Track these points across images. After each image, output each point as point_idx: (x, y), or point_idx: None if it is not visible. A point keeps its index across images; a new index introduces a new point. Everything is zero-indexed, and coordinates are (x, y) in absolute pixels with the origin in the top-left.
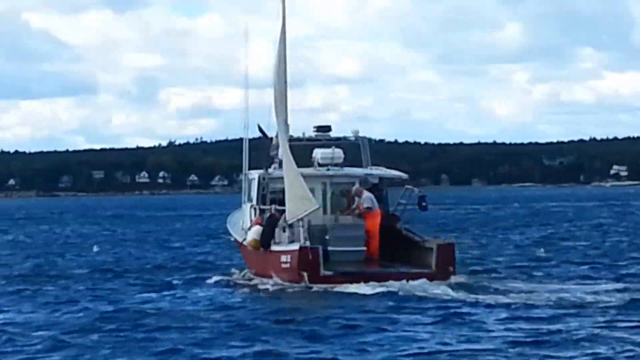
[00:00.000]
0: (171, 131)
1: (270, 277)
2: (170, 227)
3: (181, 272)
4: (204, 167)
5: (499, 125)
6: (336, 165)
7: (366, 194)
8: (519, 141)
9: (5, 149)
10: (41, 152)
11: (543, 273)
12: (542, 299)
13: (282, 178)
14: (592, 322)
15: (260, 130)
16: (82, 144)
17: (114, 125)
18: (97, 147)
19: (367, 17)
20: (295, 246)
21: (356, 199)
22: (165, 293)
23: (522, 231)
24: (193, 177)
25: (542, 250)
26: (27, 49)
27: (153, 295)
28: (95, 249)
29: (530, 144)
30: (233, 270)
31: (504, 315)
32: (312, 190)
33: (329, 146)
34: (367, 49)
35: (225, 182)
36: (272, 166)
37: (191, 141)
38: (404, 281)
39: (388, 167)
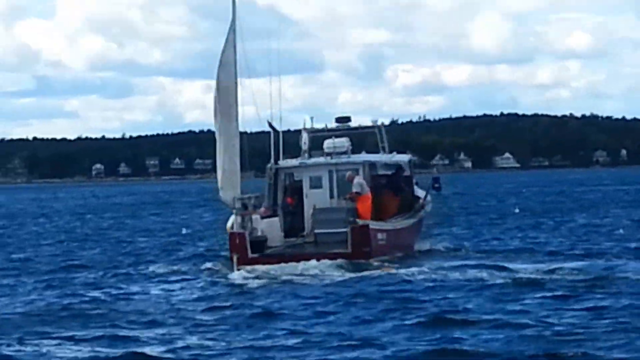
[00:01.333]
0: (397, 109)
1: None
2: None
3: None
4: (425, 145)
5: None
6: (341, 153)
7: (357, 179)
8: None
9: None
10: (262, 132)
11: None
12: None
13: (290, 167)
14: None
15: (270, 125)
16: (307, 123)
17: (339, 104)
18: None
19: None
20: None
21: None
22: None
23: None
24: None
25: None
26: (252, 25)
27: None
28: (183, 231)
29: None
30: None
31: (389, 289)
32: (319, 178)
33: (348, 136)
34: (600, 22)
35: (447, 162)
36: (304, 156)
37: (414, 119)
38: (324, 261)
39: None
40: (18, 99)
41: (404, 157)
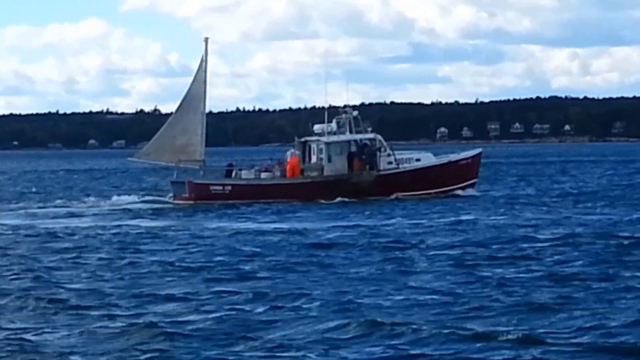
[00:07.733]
0: None
1: None
2: None
3: None
4: None
5: None
6: (321, 134)
7: (289, 152)
8: None
9: (574, 95)
10: (620, 98)
11: None
12: None
13: (305, 141)
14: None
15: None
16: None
17: None
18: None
19: None
20: None
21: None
22: None
23: None
24: None
25: None
26: None
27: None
28: None
29: None
30: None
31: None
32: (312, 150)
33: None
34: None
35: None
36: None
37: None
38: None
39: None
40: (394, 64)
41: (368, 136)
